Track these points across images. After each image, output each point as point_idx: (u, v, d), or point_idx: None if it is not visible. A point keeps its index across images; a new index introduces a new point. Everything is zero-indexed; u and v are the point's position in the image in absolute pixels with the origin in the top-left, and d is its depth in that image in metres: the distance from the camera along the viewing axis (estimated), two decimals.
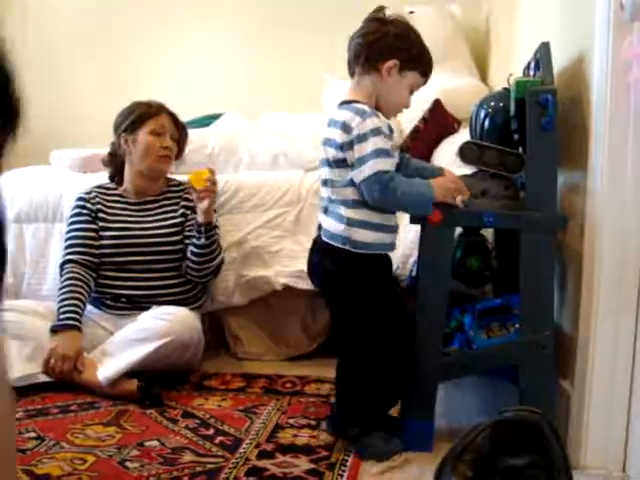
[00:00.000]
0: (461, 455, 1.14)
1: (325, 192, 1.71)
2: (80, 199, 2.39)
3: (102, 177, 2.54)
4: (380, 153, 1.60)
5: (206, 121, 3.21)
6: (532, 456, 1.07)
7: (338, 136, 1.64)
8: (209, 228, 2.25)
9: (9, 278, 2.64)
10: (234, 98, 3.92)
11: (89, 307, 2.30)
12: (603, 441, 1.59)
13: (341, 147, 1.64)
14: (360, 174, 1.60)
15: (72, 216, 2.38)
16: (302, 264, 2.38)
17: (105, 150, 2.98)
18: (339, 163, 1.65)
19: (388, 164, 1.61)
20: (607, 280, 1.57)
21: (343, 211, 1.65)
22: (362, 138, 1.61)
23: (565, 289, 1.80)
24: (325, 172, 1.70)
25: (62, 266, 2.30)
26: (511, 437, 1.10)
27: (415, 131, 2.90)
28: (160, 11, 4.09)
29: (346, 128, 1.63)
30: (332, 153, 1.66)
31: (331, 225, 1.68)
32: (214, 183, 2.22)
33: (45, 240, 2.65)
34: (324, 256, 1.70)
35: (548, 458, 1.07)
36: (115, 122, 2.40)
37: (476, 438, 1.13)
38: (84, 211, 2.36)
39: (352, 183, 1.64)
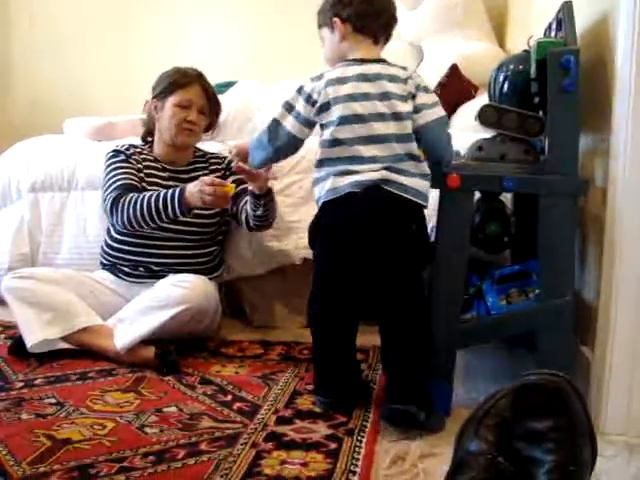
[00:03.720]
0: (483, 419, 1.13)
1: (382, 149, 1.63)
2: (119, 152, 2.32)
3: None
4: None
5: (220, 88, 3.17)
6: (555, 419, 1.06)
7: (398, 89, 1.67)
8: (266, 199, 2.18)
9: (25, 247, 2.65)
10: (249, 66, 3.90)
11: (105, 274, 2.30)
12: (623, 407, 1.58)
13: (405, 98, 1.67)
14: (434, 114, 1.69)
15: (116, 162, 2.29)
16: None
17: (120, 118, 3.00)
18: (405, 115, 1.66)
19: None
20: (629, 246, 1.55)
21: (421, 167, 1.66)
22: (424, 88, 1.71)
23: (586, 255, 1.78)
24: (382, 127, 1.63)
25: (113, 204, 2.18)
26: (534, 401, 1.08)
27: None
28: None
29: (404, 81, 1.68)
30: (398, 105, 1.65)
31: (414, 182, 1.63)
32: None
33: (60, 209, 2.65)
34: (401, 215, 1.62)
35: (571, 421, 1.06)
36: (153, 84, 2.36)
37: (498, 402, 1.12)
38: (130, 160, 2.29)
39: (414, 137, 1.67)
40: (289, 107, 1.73)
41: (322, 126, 1.70)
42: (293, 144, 1.76)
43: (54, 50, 4.15)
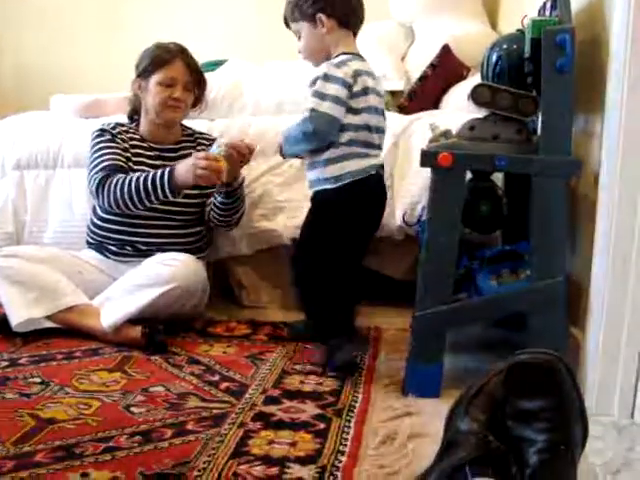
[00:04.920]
0: (474, 398, 1.12)
1: (380, 139, 1.91)
2: (105, 131, 2.28)
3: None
4: None
5: (210, 67, 3.13)
6: (547, 399, 1.05)
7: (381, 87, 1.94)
8: (233, 189, 2.20)
9: (10, 226, 2.61)
10: (239, 45, 3.85)
11: (91, 253, 2.27)
12: (612, 388, 1.58)
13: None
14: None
15: (102, 142, 2.24)
16: None
17: (108, 96, 2.95)
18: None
19: None
20: (620, 228, 1.54)
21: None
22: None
23: (577, 236, 1.77)
24: (378, 120, 1.88)
25: (99, 186, 2.15)
26: (526, 379, 1.07)
27: (423, 77, 2.85)
28: None
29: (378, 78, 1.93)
30: (381, 102, 1.91)
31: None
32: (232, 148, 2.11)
33: (46, 187, 2.61)
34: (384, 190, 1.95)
35: (563, 400, 1.05)
36: (135, 62, 2.31)
37: (489, 381, 1.11)
38: (116, 139, 2.25)
39: None
40: (321, 95, 1.77)
41: (352, 110, 1.81)
42: (336, 127, 1.79)
43: (42, 27, 4.08)
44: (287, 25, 1.93)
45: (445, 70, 2.83)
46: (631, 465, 1.36)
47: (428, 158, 1.63)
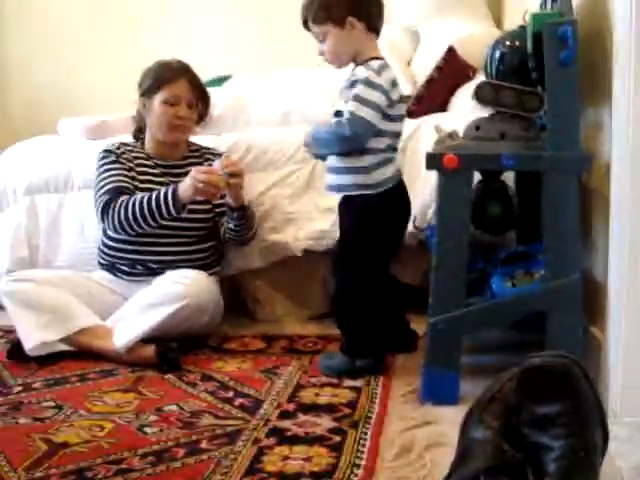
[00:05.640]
0: (488, 405, 1.08)
1: (398, 144, 1.91)
2: (109, 152, 2.27)
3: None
4: None
5: (216, 83, 3.14)
6: (563, 403, 1.01)
7: None
8: (241, 212, 2.20)
9: (24, 251, 2.61)
10: (244, 59, 3.84)
11: (103, 273, 2.26)
12: (637, 388, 1.53)
13: None
14: None
15: (106, 164, 2.24)
16: (318, 224, 2.35)
17: (114, 116, 2.95)
18: None
19: None
20: (636, 220, 1.49)
21: None
22: None
23: (592, 232, 1.72)
24: (403, 126, 1.90)
25: (104, 210, 2.15)
26: (540, 384, 1.03)
27: (429, 80, 2.81)
28: None
29: None
30: None
31: None
32: (233, 164, 2.13)
33: (57, 211, 2.61)
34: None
35: (580, 404, 1.01)
36: (138, 81, 2.31)
37: (503, 387, 1.07)
38: (121, 159, 2.24)
39: None
40: (362, 100, 1.75)
41: (389, 117, 1.80)
42: (371, 133, 1.77)
43: (49, 52, 4.11)
44: (306, 27, 1.87)
45: (451, 72, 2.80)
46: None
47: (433, 161, 1.60)
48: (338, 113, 1.81)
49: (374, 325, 1.87)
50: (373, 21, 1.82)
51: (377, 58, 1.82)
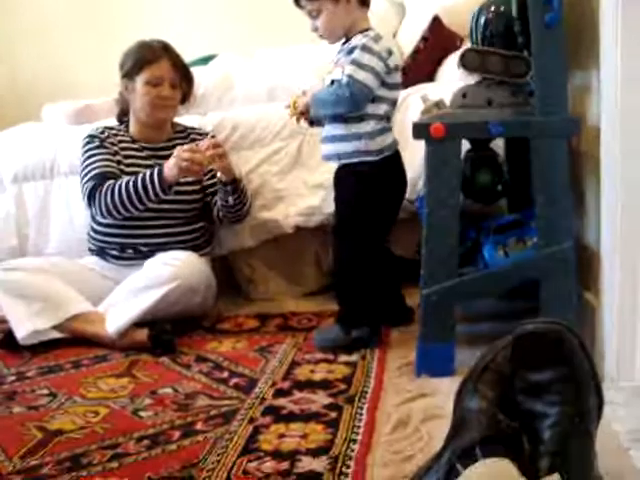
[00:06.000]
0: (482, 375, 1.07)
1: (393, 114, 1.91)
2: (93, 137, 2.24)
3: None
4: None
5: (200, 63, 3.09)
6: (557, 370, 1.00)
7: None
8: (234, 186, 2.16)
9: (13, 239, 2.59)
10: (228, 38, 3.80)
11: (94, 259, 2.24)
12: (631, 353, 1.52)
13: None
14: None
15: (91, 149, 2.21)
16: (308, 201, 2.33)
17: (98, 100, 2.91)
18: None
19: None
20: (629, 186, 1.48)
21: None
22: None
23: (584, 198, 1.71)
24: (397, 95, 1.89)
25: (90, 196, 2.12)
26: (533, 351, 1.02)
27: (415, 51, 2.78)
28: None
29: None
30: None
31: None
32: (216, 146, 2.11)
33: (45, 198, 2.57)
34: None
35: (574, 370, 1.00)
36: (119, 63, 2.27)
37: (496, 356, 1.06)
38: (105, 144, 2.21)
39: None
40: (360, 64, 1.76)
41: (387, 84, 1.80)
42: (369, 97, 1.78)
43: (33, 37, 4.05)
44: (298, 5, 1.85)
45: (437, 42, 2.76)
46: None
47: (420, 130, 1.58)
48: (334, 82, 1.79)
49: (371, 296, 1.87)
50: None
51: (370, 30, 1.82)
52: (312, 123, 1.95)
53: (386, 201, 1.88)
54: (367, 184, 1.84)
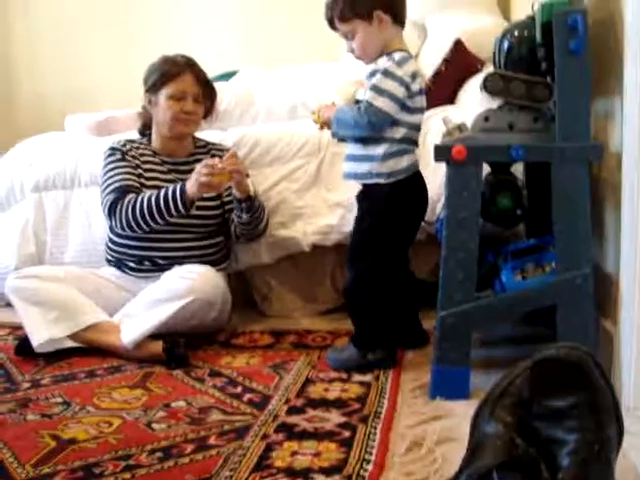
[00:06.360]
0: (499, 399, 1.06)
1: (418, 137, 1.88)
2: (115, 149, 2.26)
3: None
4: None
5: (223, 78, 3.13)
6: (576, 395, 0.99)
7: None
8: (249, 203, 2.17)
9: (31, 247, 2.61)
10: (250, 54, 3.84)
11: (111, 269, 2.26)
12: None
13: None
14: None
15: (113, 162, 2.23)
16: (326, 219, 2.33)
17: (121, 112, 2.95)
18: None
19: None
20: None
21: None
22: None
23: (603, 224, 1.70)
24: (423, 119, 1.89)
25: (111, 209, 2.14)
26: (552, 376, 1.02)
27: (437, 74, 2.80)
28: None
29: None
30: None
31: None
32: (236, 161, 2.11)
33: (64, 207, 2.60)
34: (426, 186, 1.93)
35: (594, 397, 0.99)
36: (143, 77, 2.30)
37: (515, 380, 1.05)
38: (127, 157, 2.23)
39: None
40: (379, 90, 1.75)
41: (408, 108, 1.79)
42: (387, 122, 1.78)
43: (56, 49, 4.12)
44: (332, 27, 1.87)
45: (458, 65, 2.78)
46: None
47: (442, 152, 1.59)
48: (358, 102, 1.81)
49: (387, 318, 1.86)
50: (398, 13, 1.82)
51: (403, 51, 1.81)
52: (334, 135, 1.95)
53: (400, 223, 1.86)
54: (379, 206, 1.84)
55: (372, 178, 1.83)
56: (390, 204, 1.83)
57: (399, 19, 1.83)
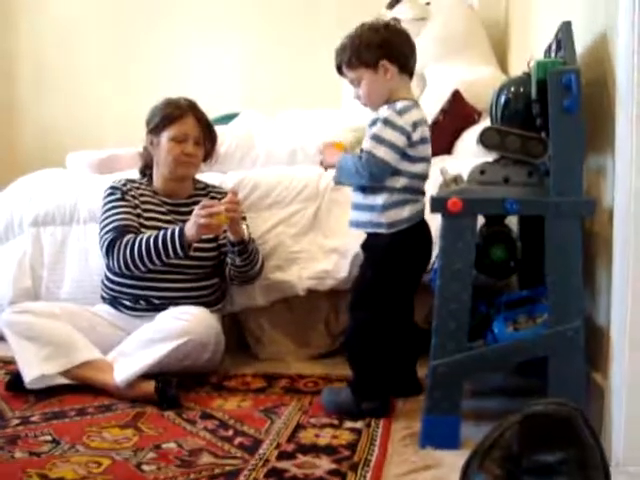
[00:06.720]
0: (489, 452, 1.07)
1: (423, 186, 1.88)
2: (115, 189, 2.28)
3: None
4: None
5: (223, 121, 3.18)
6: (565, 451, 1.00)
7: None
8: (242, 247, 2.19)
9: (27, 281, 2.62)
10: (251, 97, 3.91)
11: (106, 307, 2.26)
12: (639, 437, 1.51)
13: None
14: None
15: (112, 201, 2.25)
16: (322, 264, 2.35)
17: (123, 151, 2.98)
18: None
19: None
20: (638, 266, 1.50)
21: None
22: None
23: (595, 278, 1.72)
24: (428, 168, 1.88)
25: (109, 248, 2.16)
26: (541, 431, 1.03)
27: (434, 123, 2.84)
28: (174, 12, 4.09)
29: None
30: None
31: None
32: (234, 203, 2.13)
33: (62, 243, 2.62)
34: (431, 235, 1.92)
35: (582, 453, 1.00)
36: (146, 119, 2.34)
37: (504, 433, 1.06)
38: (127, 197, 2.26)
39: None
40: (379, 139, 1.77)
41: (409, 157, 1.80)
42: (388, 172, 1.79)
43: (60, 87, 4.19)
44: (340, 73, 1.91)
45: (456, 115, 2.84)
46: None
47: (438, 204, 1.62)
48: (362, 151, 1.82)
49: (384, 368, 1.86)
50: (405, 62, 1.85)
51: (408, 99, 1.83)
52: (336, 182, 1.96)
53: (401, 274, 1.86)
54: (378, 258, 1.86)
55: (373, 228, 1.84)
56: (390, 255, 1.83)
57: (406, 69, 1.85)
